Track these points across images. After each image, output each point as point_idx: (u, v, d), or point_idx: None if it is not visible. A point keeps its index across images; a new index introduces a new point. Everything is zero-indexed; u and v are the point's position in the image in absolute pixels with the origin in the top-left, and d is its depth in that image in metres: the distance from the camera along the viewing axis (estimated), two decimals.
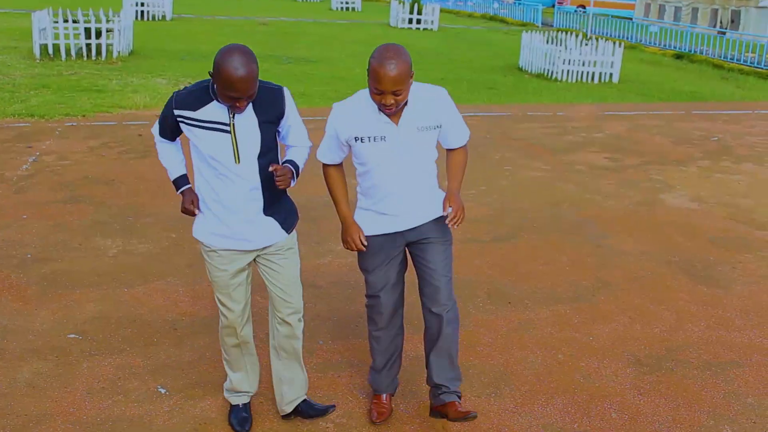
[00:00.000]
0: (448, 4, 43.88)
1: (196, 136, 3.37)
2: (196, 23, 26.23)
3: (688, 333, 5.07)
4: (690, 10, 31.11)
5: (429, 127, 3.48)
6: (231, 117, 3.32)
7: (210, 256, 3.57)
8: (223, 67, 3.13)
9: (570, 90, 15.40)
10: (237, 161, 3.36)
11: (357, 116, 3.46)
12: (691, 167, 9.52)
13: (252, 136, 3.37)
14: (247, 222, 3.48)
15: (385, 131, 3.44)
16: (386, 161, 3.48)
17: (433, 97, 3.51)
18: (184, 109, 3.36)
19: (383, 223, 3.64)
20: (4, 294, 5.20)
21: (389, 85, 3.23)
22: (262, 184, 3.45)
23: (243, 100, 3.23)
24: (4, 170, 8.02)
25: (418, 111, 3.45)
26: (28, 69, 14.51)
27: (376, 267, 3.70)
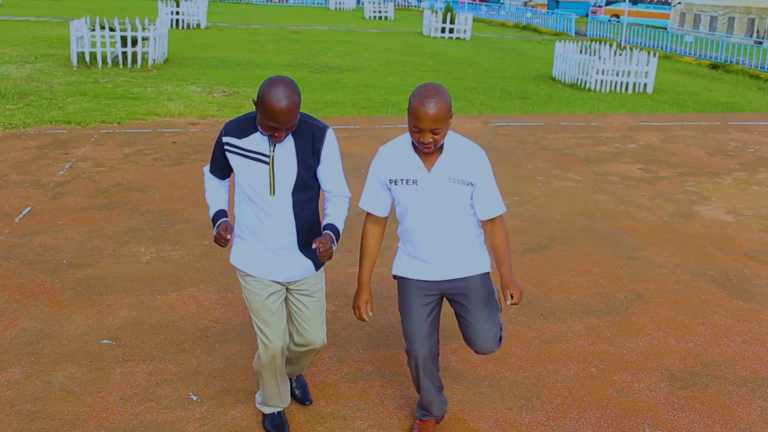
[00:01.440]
0: (480, 14, 43.89)
1: (238, 164, 3.44)
2: (230, 32, 26.47)
3: (723, 348, 4.99)
4: (726, 20, 30.77)
5: (461, 181, 3.45)
6: (271, 149, 3.37)
7: (246, 280, 3.62)
8: (267, 97, 3.18)
9: (603, 100, 15.29)
10: (272, 193, 3.41)
11: (395, 158, 3.51)
12: (726, 179, 9.40)
13: (289, 169, 3.41)
14: (278, 255, 3.53)
15: (417, 176, 3.46)
16: (417, 205, 3.49)
17: (470, 154, 3.48)
18: (231, 137, 3.44)
19: (417, 268, 3.64)
20: (40, 299, 5.27)
21: (428, 124, 3.25)
22: (295, 219, 3.48)
23: (282, 131, 3.26)
24: (41, 176, 8.14)
25: (452, 162, 3.45)
26: (65, 76, 14.73)
27: (410, 311, 3.68)
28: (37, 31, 22.95)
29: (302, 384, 4.19)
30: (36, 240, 6.32)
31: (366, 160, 8.98)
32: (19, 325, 4.86)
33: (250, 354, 4.62)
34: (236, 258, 3.64)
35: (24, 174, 8.20)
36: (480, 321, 3.63)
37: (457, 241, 3.58)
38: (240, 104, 12.87)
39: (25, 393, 4.12)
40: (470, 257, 3.64)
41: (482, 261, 3.68)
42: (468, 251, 3.63)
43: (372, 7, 38.41)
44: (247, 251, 3.58)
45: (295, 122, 3.27)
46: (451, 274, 3.61)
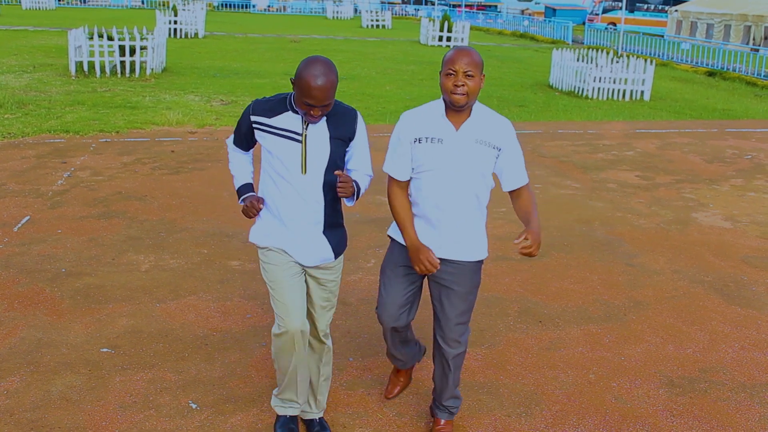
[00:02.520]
0: (478, 22, 44.00)
1: (268, 142, 3.44)
2: (228, 41, 26.53)
3: (721, 354, 5.00)
4: (722, 27, 30.87)
5: (487, 144, 3.46)
6: (304, 127, 3.39)
7: (265, 254, 3.59)
8: (305, 74, 3.21)
9: (601, 108, 15.33)
10: (303, 171, 3.42)
11: (420, 119, 3.53)
12: (723, 186, 9.43)
13: (322, 149, 3.42)
14: (302, 236, 3.53)
15: (443, 134, 3.46)
16: (440, 167, 3.47)
17: (499, 122, 3.54)
18: (260, 116, 3.45)
19: (421, 236, 3.62)
20: (39, 307, 5.27)
21: (462, 66, 3.32)
22: (324, 199, 3.50)
23: (317, 109, 3.28)
24: (39, 185, 8.15)
25: (479, 126, 3.48)
26: (63, 86, 14.76)
27: (392, 278, 3.70)
28: (36, 41, 22.99)
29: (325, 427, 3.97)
30: (35, 249, 6.32)
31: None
32: (18, 334, 4.87)
33: (250, 362, 4.62)
34: (257, 235, 3.61)
35: (23, 183, 8.21)
36: (456, 309, 3.65)
37: (469, 215, 3.56)
38: (238, 113, 12.89)
39: (24, 402, 4.12)
40: (473, 240, 3.62)
41: (480, 247, 3.67)
42: (473, 232, 3.61)
43: (369, 15, 38.52)
44: (271, 228, 3.56)
45: (331, 102, 3.29)
46: (448, 253, 3.60)
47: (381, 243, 6.69)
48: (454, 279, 3.64)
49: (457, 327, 3.71)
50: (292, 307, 3.53)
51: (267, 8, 51.14)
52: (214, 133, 11.20)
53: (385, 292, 3.73)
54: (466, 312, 3.71)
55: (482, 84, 3.42)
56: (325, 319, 3.78)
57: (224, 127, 11.68)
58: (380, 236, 6.89)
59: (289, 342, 3.56)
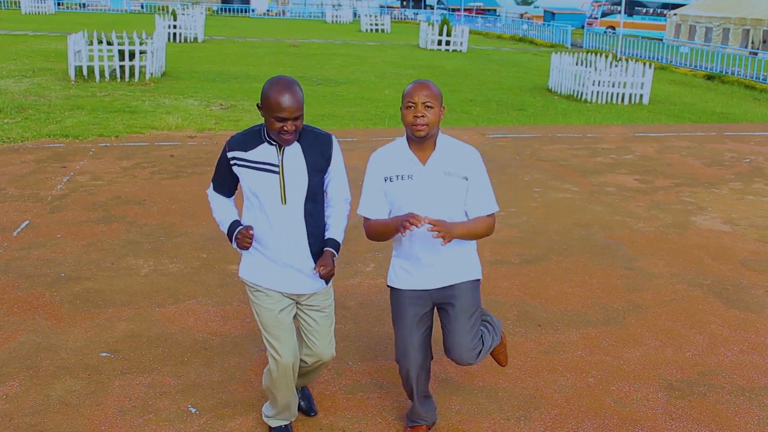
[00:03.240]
0: (477, 26, 44.06)
1: (247, 177, 3.45)
2: (227, 45, 26.57)
3: (720, 357, 5.01)
4: (721, 31, 30.92)
5: (456, 175, 3.50)
6: (280, 156, 3.41)
7: (256, 296, 3.62)
8: (270, 92, 3.25)
9: (600, 111, 15.35)
10: (283, 202, 3.43)
11: (388, 158, 3.57)
12: (722, 189, 9.43)
13: (300, 177, 3.44)
14: (289, 268, 3.53)
15: (411, 170, 3.51)
16: (413, 202, 3.50)
17: (464, 151, 3.57)
18: (237, 150, 3.46)
19: (411, 277, 3.65)
20: (38, 312, 5.28)
21: (421, 97, 3.38)
22: (307, 228, 3.50)
23: (290, 123, 3.29)
24: (39, 190, 8.16)
25: (445, 157, 3.52)
26: (63, 90, 14.77)
27: (403, 322, 3.70)
28: (35, 46, 23.02)
29: (307, 396, 4.19)
30: (34, 253, 6.33)
31: (363, 173, 8.99)
32: (17, 339, 4.87)
33: (249, 366, 4.63)
34: (246, 271, 3.63)
35: (22, 188, 8.22)
36: (460, 330, 3.65)
37: (452, 243, 3.57)
38: (237, 117, 12.91)
39: (23, 406, 4.12)
40: (463, 263, 3.65)
41: (474, 268, 3.71)
42: (462, 255, 3.64)
43: (369, 20, 38.57)
44: (257, 264, 3.58)
45: (301, 115, 3.30)
46: (443, 281, 3.62)
47: (379, 247, 6.69)
48: (453, 300, 3.65)
49: (467, 346, 3.68)
50: (286, 344, 3.60)
51: (266, 12, 51.22)
52: (214, 138, 11.21)
53: (402, 340, 3.72)
54: (472, 330, 3.69)
55: (442, 116, 3.48)
56: (329, 342, 3.74)
57: (223, 131, 11.69)
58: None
59: (283, 374, 3.65)
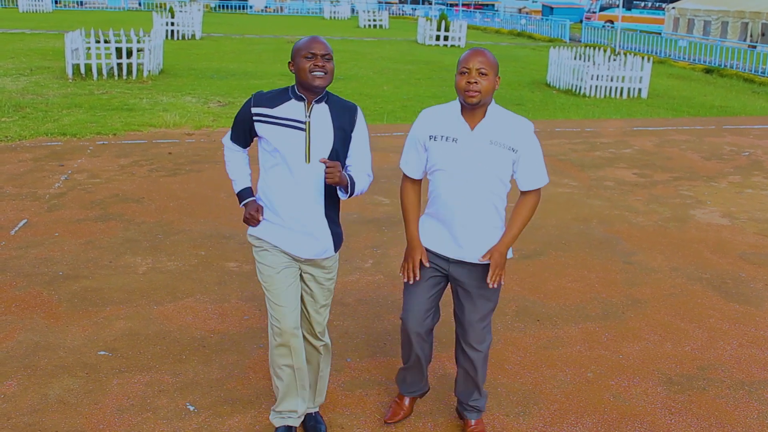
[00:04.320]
0: (475, 21, 44.00)
1: (271, 133, 3.42)
2: (225, 42, 26.52)
3: (720, 351, 5.00)
4: (720, 24, 30.88)
5: (502, 145, 3.43)
6: (308, 115, 3.40)
7: (260, 255, 3.59)
8: (300, 42, 3.40)
9: (598, 105, 15.33)
10: (308, 160, 3.41)
11: (438, 117, 3.54)
12: (721, 183, 9.42)
13: (325, 137, 3.43)
14: (302, 229, 3.50)
15: (458, 133, 3.45)
16: (454, 167, 3.45)
17: (517, 123, 3.50)
18: (262, 107, 3.44)
19: (438, 239, 3.61)
20: (36, 311, 5.27)
21: (475, 63, 3.35)
22: (325, 191, 3.49)
23: (320, 59, 3.33)
24: (36, 188, 8.14)
25: (495, 126, 3.45)
26: (60, 88, 14.75)
27: (416, 284, 3.68)
28: (33, 44, 22.98)
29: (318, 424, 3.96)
30: (32, 252, 6.32)
31: None
32: (15, 338, 4.86)
33: (247, 364, 4.62)
34: (255, 229, 3.59)
35: (20, 186, 8.20)
36: (476, 312, 3.65)
37: (484, 218, 3.54)
38: (235, 114, 12.87)
39: (21, 405, 4.11)
40: (489, 243, 3.59)
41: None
42: (489, 235, 3.59)
43: (366, 15, 38.51)
44: (267, 223, 3.56)
45: (332, 59, 3.38)
46: (465, 255, 3.58)
47: (378, 243, 6.68)
48: (472, 281, 3.62)
49: (478, 330, 3.68)
50: (287, 309, 3.56)
51: (264, 9, 51.13)
52: (212, 135, 11.19)
53: (409, 296, 3.71)
54: (486, 315, 3.68)
55: (497, 85, 3.42)
56: (323, 318, 3.78)
57: (221, 128, 11.67)
58: (378, 236, 6.88)
59: (285, 343, 3.58)
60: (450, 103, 3.57)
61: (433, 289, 3.70)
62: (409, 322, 3.73)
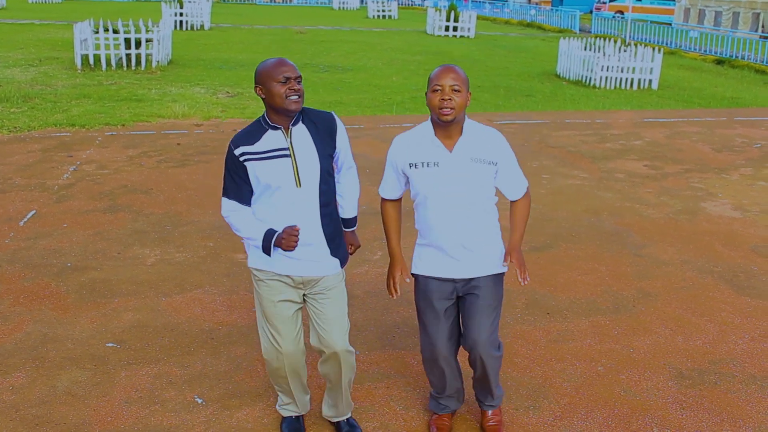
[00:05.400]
0: (484, 12, 43.85)
1: (259, 170, 3.37)
2: (233, 33, 26.48)
3: (731, 345, 4.96)
4: (731, 15, 30.66)
5: (483, 161, 3.45)
6: (288, 139, 3.38)
7: (259, 285, 3.56)
8: (264, 64, 3.35)
9: (608, 97, 15.24)
10: (298, 185, 3.38)
11: (413, 144, 3.53)
12: (733, 175, 9.35)
13: (311, 157, 3.40)
14: (305, 252, 3.46)
15: (438, 157, 3.45)
16: (439, 190, 3.46)
17: (489, 135, 3.53)
18: (243, 146, 3.39)
19: (437, 264, 3.60)
20: (44, 302, 5.26)
21: (448, 80, 3.34)
22: (321, 209, 3.46)
23: (294, 82, 3.29)
24: (45, 179, 8.14)
25: (472, 143, 3.47)
26: (69, 79, 14.75)
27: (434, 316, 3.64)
28: (42, 35, 22.99)
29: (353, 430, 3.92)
30: (40, 243, 6.31)
31: (370, 160, 8.95)
32: (23, 329, 4.86)
33: (256, 356, 4.60)
34: (255, 260, 3.54)
35: (28, 177, 8.20)
36: (482, 321, 3.60)
37: (479, 230, 3.53)
38: (244, 105, 12.86)
39: (29, 397, 4.11)
40: (488, 255, 3.59)
41: (499, 260, 3.65)
42: (488, 246, 3.58)
43: (375, 6, 38.37)
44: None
45: (301, 80, 3.34)
46: (470, 272, 3.56)
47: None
48: (476, 292, 3.60)
49: (487, 340, 3.62)
50: (285, 335, 3.55)
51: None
52: (220, 126, 11.17)
53: (431, 331, 3.67)
54: (492, 324, 3.64)
55: (468, 101, 3.43)
56: (341, 328, 3.62)
57: (230, 119, 11.66)
58: None
59: (284, 365, 3.60)
60: (421, 126, 3.55)
61: (449, 318, 3.69)
62: (436, 353, 3.68)
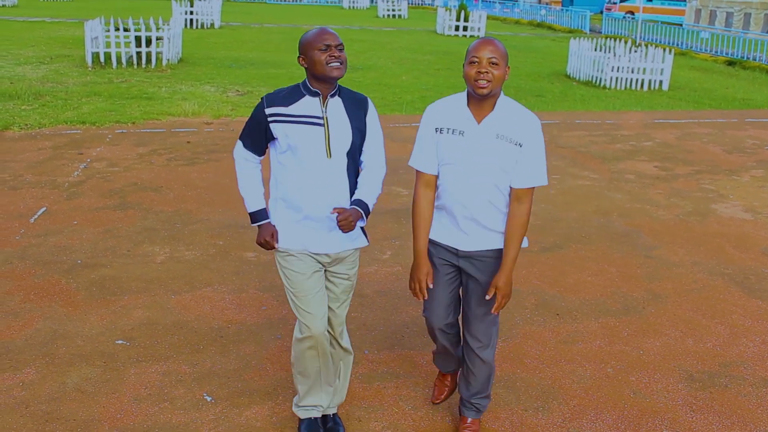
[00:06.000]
0: (495, 11, 43.79)
1: (288, 132, 3.35)
2: (244, 31, 26.51)
3: (742, 348, 4.93)
4: (742, 16, 30.53)
5: (509, 140, 3.38)
6: (324, 108, 3.37)
7: (286, 260, 3.52)
8: (310, 34, 3.36)
9: (619, 97, 15.20)
10: (328, 155, 3.36)
11: (444, 110, 3.49)
12: (744, 176, 9.31)
13: (344, 131, 3.39)
14: (326, 226, 3.45)
15: (465, 126, 3.41)
16: (460, 159, 3.42)
17: (524, 117, 3.44)
18: (276, 106, 3.37)
19: (447, 232, 3.58)
20: (55, 299, 5.28)
21: (485, 53, 3.31)
22: (349, 183, 3.45)
23: (335, 49, 3.30)
24: (56, 176, 8.16)
25: (502, 120, 3.41)
26: (80, 77, 14.79)
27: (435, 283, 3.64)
28: (53, 32, 23.07)
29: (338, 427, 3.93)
30: (51, 240, 6.33)
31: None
32: (34, 326, 4.87)
33: (265, 355, 4.60)
34: (281, 239, 3.51)
35: (39, 174, 8.23)
36: (483, 304, 3.59)
37: (492, 209, 3.49)
38: (254, 103, 12.86)
39: (39, 393, 4.12)
40: (497, 234, 3.55)
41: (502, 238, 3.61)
42: (497, 225, 3.54)
43: (385, 5, 38.35)
44: (289, 228, 3.49)
45: (343, 44, 3.35)
46: (474, 245, 3.54)
47: (397, 234, 6.65)
48: (480, 271, 3.58)
49: (484, 324, 3.63)
50: (317, 314, 3.52)
51: None
52: (230, 124, 11.19)
53: (429, 295, 3.68)
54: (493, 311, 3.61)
55: (507, 75, 3.38)
56: (343, 313, 3.73)
57: (240, 117, 11.66)
58: (396, 228, 6.85)
59: (314, 346, 3.56)
60: (456, 95, 3.52)
61: (450, 285, 3.68)
62: (432, 320, 3.72)
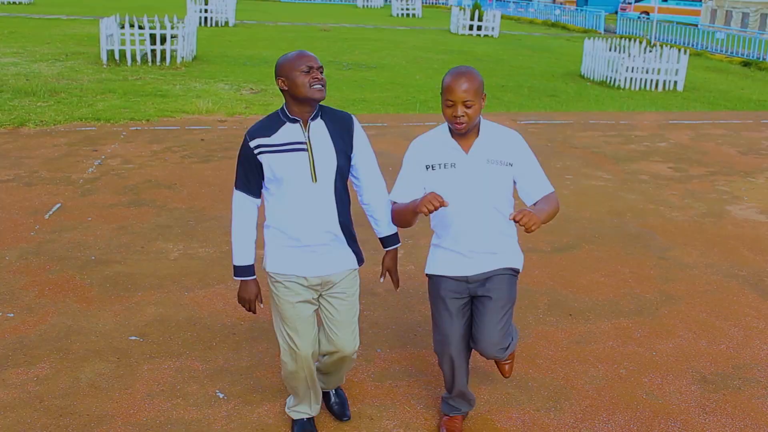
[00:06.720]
0: (509, 11, 43.71)
1: (275, 163, 3.36)
2: (258, 29, 26.57)
3: (756, 350, 4.91)
4: (758, 16, 30.34)
5: (500, 162, 3.43)
6: (306, 133, 3.37)
7: (276, 287, 3.54)
8: (289, 57, 3.34)
9: (633, 98, 15.14)
10: (314, 180, 3.37)
11: (429, 145, 3.51)
12: (759, 178, 9.26)
13: (328, 152, 3.39)
14: (318, 250, 3.46)
15: (454, 158, 3.44)
16: (456, 191, 3.44)
17: (506, 136, 3.51)
18: (259, 138, 3.38)
19: (451, 263, 3.58)
20: (68, 295, 5.31)
21: (460, 95, 3.30)
22: (337, 206, 3.45)
23: (317, 71, 3.30)
24: (70, 173, 8.21)
25: (488, 144, 3.45)
26: (95, 74, 14.86)
27: (448, 316, 3.62)
28: (68, 30, 23.19)
29: (342, 400, 4.06)
30: (65, 236, 6.37)
31: (394, 158, 8.94)
32: (48, 321, 4.90)
33: (277, 352, 4.58)
34: (273, 262, 3.52)
35: (54, 171, 8.27)
36: (492, 322, 3.56)
37: (495, 233, 3.51)
38: (268, 101, 12.90)
39: (53, 389, 4.14)
40: (505, 254, 3.58)
41: (513, 256, 3.64)
42: (503, 246, 3.56)
43: (399, 4, 38.34)
44: (282, 254, 3.49)
45: (323, 70, 3.35)
46: (483, 267, 3.54)
47: (409, 233, 6.65)
48: (489, 289, 3.57)
49: (496, 339, 3.59)
50: (304, 336, 3.53)
51: None
52: (244, 122, 11.21)
53: (443, 329, 3.65)
54: (504, 325, 3.60)
55: (483, 105, 3.41)
56: (352, 332, 3.64)
57: (254, 115, 11.69)
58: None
59: (301, 368, 3.59)
60: (438, 129, 3.55)
61: (464, 317, 3.66)
62: (449, 350, 3.66)
